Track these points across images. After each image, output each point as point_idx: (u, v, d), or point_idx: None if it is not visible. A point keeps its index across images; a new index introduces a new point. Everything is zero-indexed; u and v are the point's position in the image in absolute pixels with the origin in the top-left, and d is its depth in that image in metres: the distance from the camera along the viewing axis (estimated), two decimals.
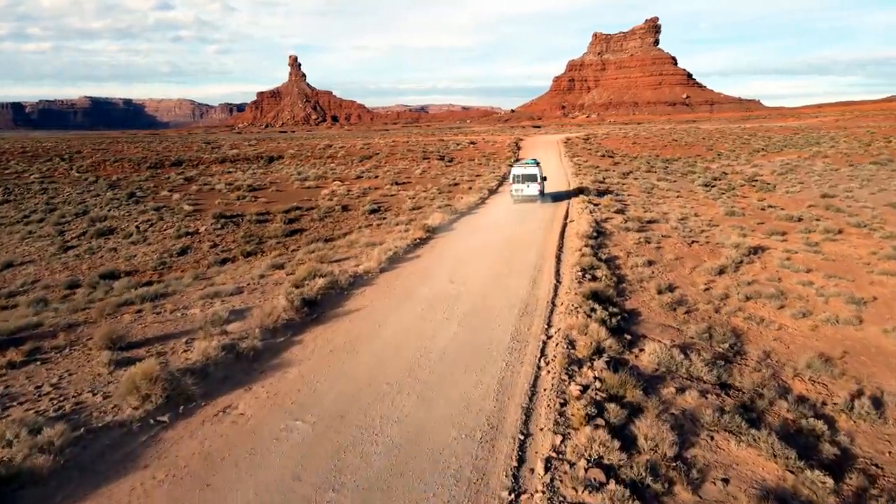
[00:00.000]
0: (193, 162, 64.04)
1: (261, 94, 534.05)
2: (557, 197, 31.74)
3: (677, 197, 36.85)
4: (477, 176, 45.47)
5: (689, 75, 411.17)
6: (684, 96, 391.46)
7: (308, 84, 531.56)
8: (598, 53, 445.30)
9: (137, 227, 27.95)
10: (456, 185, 40.24)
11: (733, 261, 18.76)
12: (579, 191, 33.45)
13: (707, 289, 16.21)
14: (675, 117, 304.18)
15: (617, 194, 35.39)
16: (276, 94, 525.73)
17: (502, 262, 17.37)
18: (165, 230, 27.36)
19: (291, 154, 68.02)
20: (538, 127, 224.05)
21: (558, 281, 15.18)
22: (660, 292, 15.35)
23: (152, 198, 36.34)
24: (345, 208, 31.06)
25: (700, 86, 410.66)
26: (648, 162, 60.75)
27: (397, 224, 25.93)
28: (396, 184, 40.93)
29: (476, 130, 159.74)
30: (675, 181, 46.60)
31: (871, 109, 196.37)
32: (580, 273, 15.64)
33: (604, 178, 44.27)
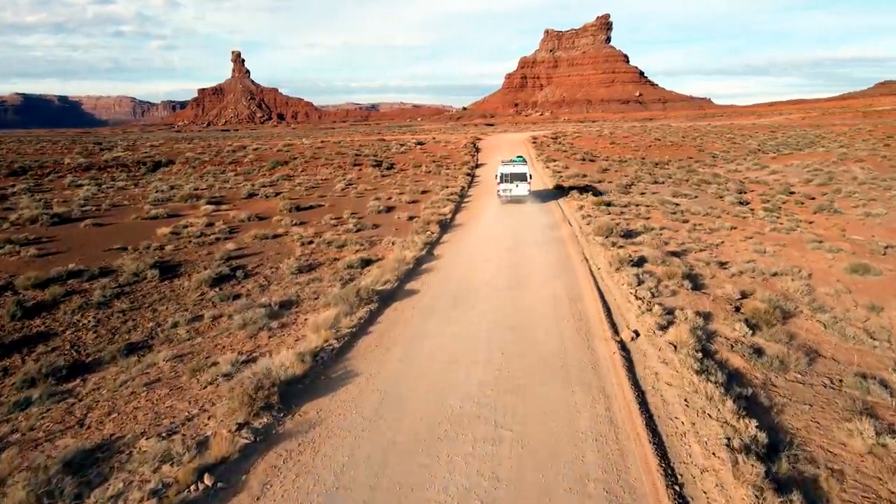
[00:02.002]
0: (47, 169, 47.73)
1: (202, 91, 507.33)
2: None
3: (732, 229, 23.94)
4: (423, 193, 31.48)
5: (641, 73, 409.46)
6: (637, 94, 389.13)
7: (253, 81, 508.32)
8: (551, 50, 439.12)
9: None
10: (390, 211, 26.19)
11: None
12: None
13: None
14: (629, 115, 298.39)
15: (647, 226, 22.14)
16: (218, 92, 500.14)
17: None
18: None
19: (186, 159, 52.38)
20: (491, 125, 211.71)
21: None
22: None
23: None
24: (169, 272, 16.52)
25: (652, 84, 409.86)
26: (642, 167, 48.18)
27: (243, 332, 11.76)
28: (298, 209, 26.52)
29: (426, 129, 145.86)
30: (696, 196, 33.93)
31: (830, 107, 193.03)
32: None
33: (599, 193, 31.15)
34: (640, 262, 15.65)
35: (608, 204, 27.23)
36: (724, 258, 18.43)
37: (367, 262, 17.05)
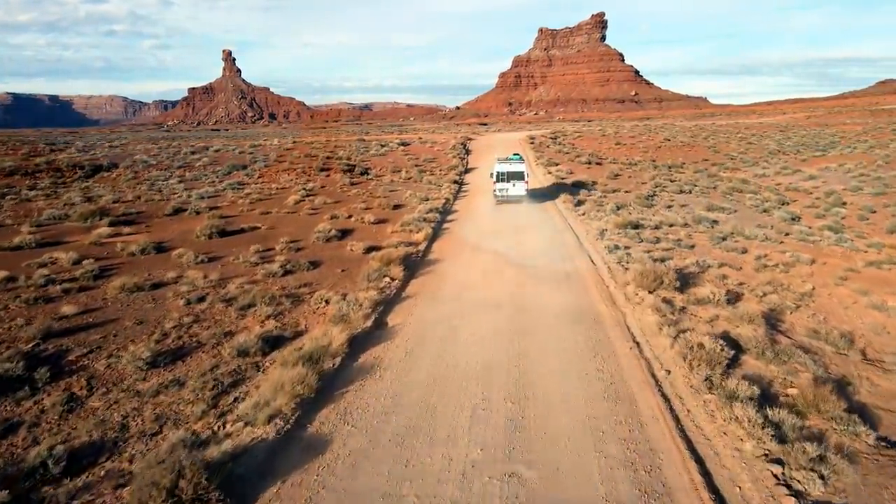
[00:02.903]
0: None
1: (192, 90, 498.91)
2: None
3: (812, 264, 17.38)
4: (395, 209, 24.73)
5: (637, 72, 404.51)
6: (633, 93, 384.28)
7: (244, 80, 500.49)
8: (545, 49, 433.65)
9: None
10: (344, 237, 19.43)
11: None
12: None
13: None
14: (625, 115, 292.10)
15: (700, 262, 15.60)
16: (209, 91, 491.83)
17: None
18: None
19: (133, 161, 45.48)
20: (484, 125, 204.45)
21: None
22: None
23: None
24: None
25: (647, 83, 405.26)
26: (656, 171, 41.63)
27: None
28: (222, 234, 19.78)
29: (417, 128, 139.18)
30: (735, 210, 27.40)
31: (832, 106, 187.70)
32: None
33: (618, 208, 24.68)
34: (736, 356, 9.00)
35: (636, 226, 20.61)
36: (836, 321, 11.90)
37: (274, 343, 10.39)
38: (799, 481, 5.70)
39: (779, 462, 5.99)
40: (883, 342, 10.85)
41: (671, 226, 21.95)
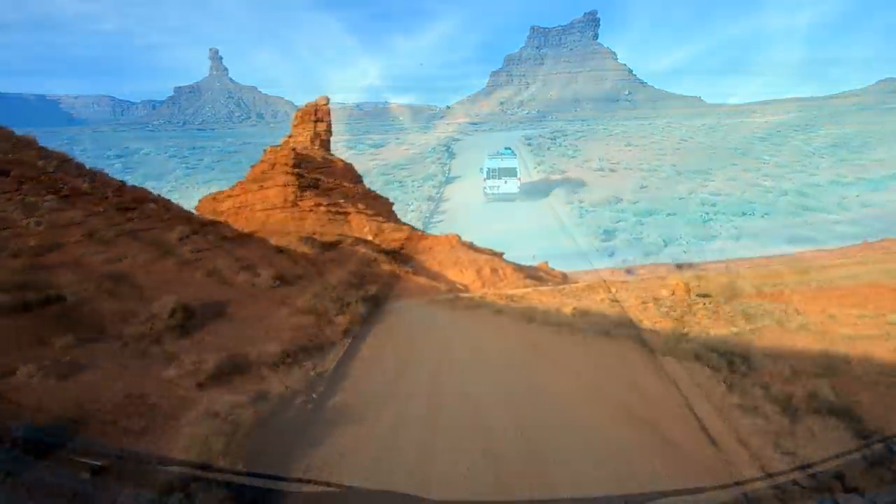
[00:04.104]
0: None
1: (178, 89, 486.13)
2: None
3: None
4: (327, 250, 15.75)
5: (630, 71, 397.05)
6: (626, 92, 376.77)
7: (231, 79, 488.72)
8: (537, 47, 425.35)
9: None
10: (195, 329, 10.47)
11: None
12: None
13: None
14: (619, 114, 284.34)
15: None
16: (195, 90, 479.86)
17: None
18: None
19: (29, 169, 36.29)
20: (475, 124, 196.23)
21: None
22: None
23: None
24: None
25: (641, 82, 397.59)
26: (690, 182, 33.05)
27: None
28: None
29: (405, 128, 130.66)
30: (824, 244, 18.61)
31: (835, 105, 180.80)
32: None
33: (665, 244, 16.21)
34: None
35: (731, 292, 11.74)
36: None
37: None
38: None
39: None
40: None
41: (775, 285, 13.18)
